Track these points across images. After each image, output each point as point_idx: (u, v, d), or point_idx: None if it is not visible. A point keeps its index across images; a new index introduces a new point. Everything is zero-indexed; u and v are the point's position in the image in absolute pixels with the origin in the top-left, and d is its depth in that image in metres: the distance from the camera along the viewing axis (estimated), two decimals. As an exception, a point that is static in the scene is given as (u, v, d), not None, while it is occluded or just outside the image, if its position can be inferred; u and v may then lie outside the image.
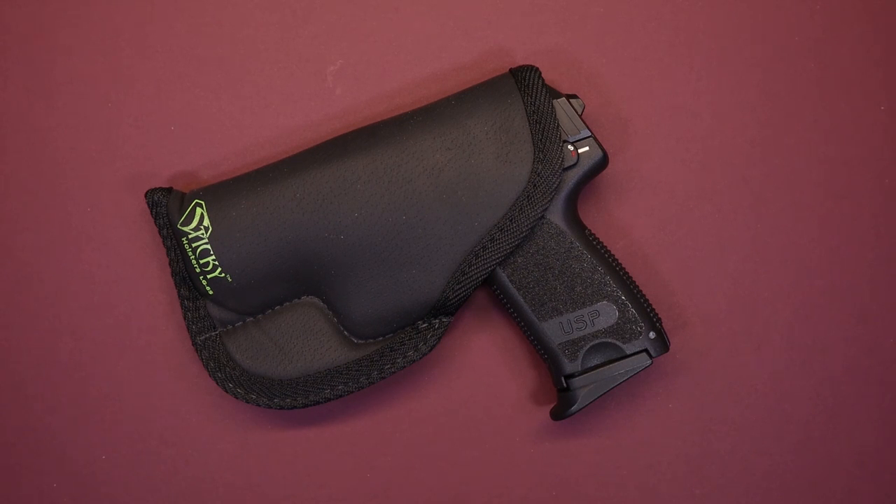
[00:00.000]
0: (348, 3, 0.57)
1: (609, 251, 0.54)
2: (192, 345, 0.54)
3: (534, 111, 0.52)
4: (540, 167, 0.51)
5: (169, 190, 0.54)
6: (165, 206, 0.53)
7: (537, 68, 0.53)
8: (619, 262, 0.54)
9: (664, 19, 0.57)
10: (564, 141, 0.52)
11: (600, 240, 0.54)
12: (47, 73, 0.58)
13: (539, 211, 0.51)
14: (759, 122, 0.57)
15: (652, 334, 0.52)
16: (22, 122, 0.57)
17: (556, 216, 0.52)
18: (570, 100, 0.52)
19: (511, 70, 0.53)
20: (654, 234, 0.57)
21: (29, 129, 0.58)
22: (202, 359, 0.53)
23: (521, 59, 0.57)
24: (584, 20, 0.57)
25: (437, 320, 0.53)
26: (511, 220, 0.52)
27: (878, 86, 0.57)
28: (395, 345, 0.53)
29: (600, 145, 0.52)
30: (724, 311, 0.57)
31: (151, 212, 0.53)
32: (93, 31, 0.58)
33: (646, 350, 0.52)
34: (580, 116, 0.52)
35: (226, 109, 0.57)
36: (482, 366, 0.57)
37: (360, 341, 0.53)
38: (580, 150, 0.52)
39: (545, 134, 0.51)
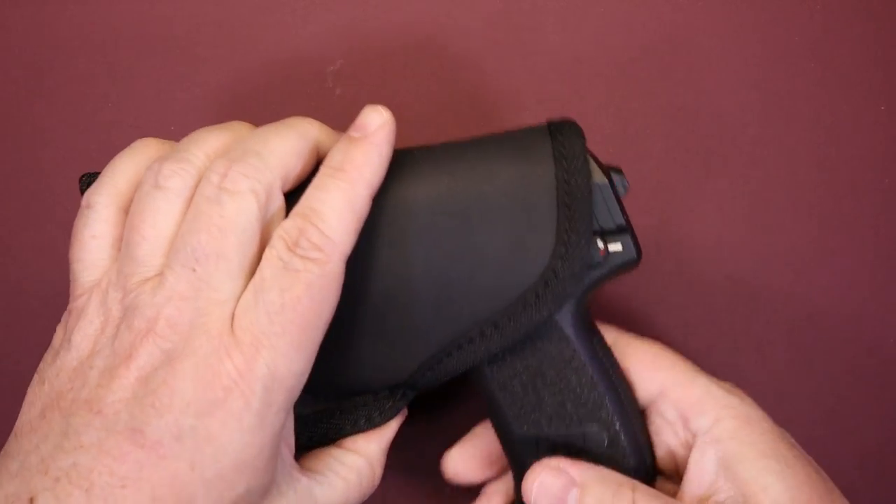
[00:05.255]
0: (348, 3, 0.58)
1: (615, 362, 0.45)
2: None
3: (567, 192, 0.41)
4: (558, 265, 0.41)
5: None
6: None
7: (581, 133, 0.43)
8: (623, 375, 0.46)
9: (664, 19, 0.57)
10: (595, 232, 0.42)
11: (609, 348, 0.46)
12: (47, 73, 0.58)
13: (544, 315, 0.42)
14: (760, 122, 0.57)
15: (640, 471, 0.44)
16: (22, 122, 0.57)
17: (563, 318, 0.43)
18: (614, 175, 0.43)
19: (549, 127, 0.43)
20: (654, 234, 0.57)
21: (29, 129, 0.58)
22: None
23: (520, 59, 0.57)
24: (584, 20, 0.57)
25: (399, 391, 0.45)
26: (509, 318, 0.42)
27: (878, 86, 0.57)
28: (347, 408, 0.45)
29: (636, 243, 0.43)
30: (724, 310, 0.57)
31: None
32: (93, 31, 0.58)
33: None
34: (621, 202, 0.43)
35: (226, 109, 0.57)
36: (482, 366, 0.57)
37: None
38: (611, 247, 0.43)
39: (573, 225, 0.41)
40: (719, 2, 0.57)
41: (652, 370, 0.46)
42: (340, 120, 0.58)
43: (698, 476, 0.43)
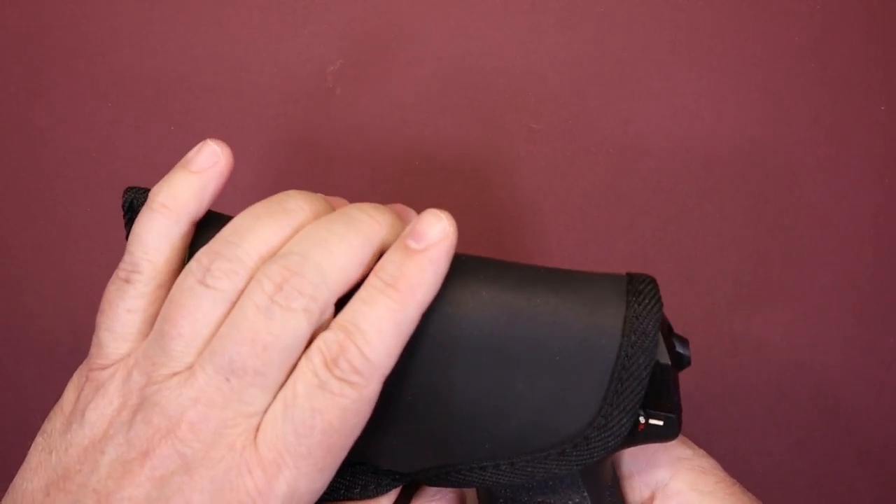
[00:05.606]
0: (348, 3, 0.57)
1: None
2: None
3: (625, 367, 0.39)
4: (593, 434, 0.39)
5: None
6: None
7: (658, 304, 0.39)
8: None
9: (664, 19, 0.57)
10: (642, 407, 0.39)
11: (622, 498, 0.44)
12: (47, 73, 0.58)
13: (564, 472, 0.40)
14: (759, 122, 0.57)
15: None
16: (22, 122, 0.57)
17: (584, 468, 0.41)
18: (679, 347, 0.40)
19: (628, 286, 0.39)
20: (654, 234, 0.57)
21: (29, 129, 0.58)
22: None
23: (520, 58, 0.57)
24: (584, 20, 0.57)
25: (398, 473, 0.43)
26: (528, 464, 0.40)
27: (878, 86, 0.57)
28: (344, 472, 0.43)
29: (679, 421, 0.40)
30: (724, 311, 0.57)
31: None
32: (93, 31, 0.58)
33: None
34: (677, 382, 0.40)
35: (226, 109, 0.57)
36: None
37: None
38: (652, 422, 0.40)
39: (620, 401, 0.39)
40: (719, 2, 0.57)
41: None
42: (340, 120, 0.58)
43: None
